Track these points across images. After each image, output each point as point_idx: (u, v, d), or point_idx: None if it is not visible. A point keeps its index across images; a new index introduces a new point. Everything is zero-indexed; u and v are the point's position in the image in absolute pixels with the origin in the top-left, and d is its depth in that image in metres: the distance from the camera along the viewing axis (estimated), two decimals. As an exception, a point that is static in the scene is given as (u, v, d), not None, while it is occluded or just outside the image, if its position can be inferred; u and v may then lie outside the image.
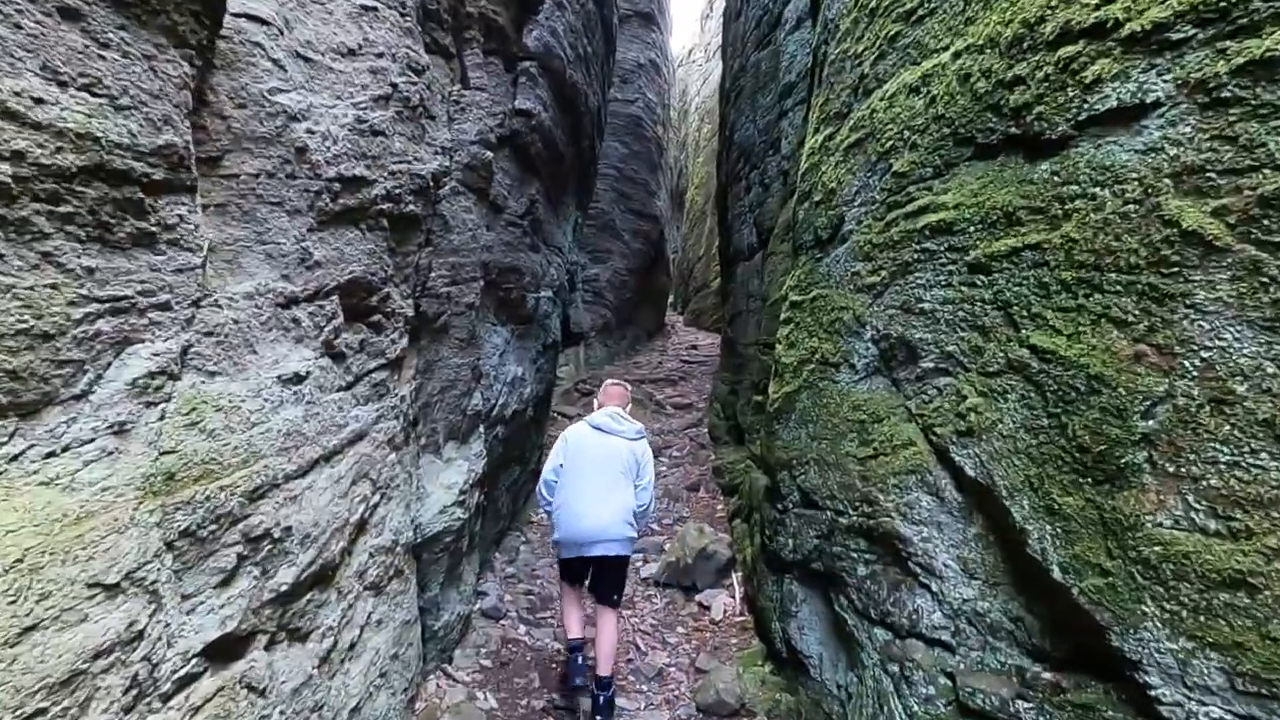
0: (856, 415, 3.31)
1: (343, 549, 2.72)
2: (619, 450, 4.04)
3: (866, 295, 3.34)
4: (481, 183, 4.28)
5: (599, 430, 4.09)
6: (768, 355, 6.18)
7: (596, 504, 3.90)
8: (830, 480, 3.47)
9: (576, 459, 4.04)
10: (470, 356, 4.41)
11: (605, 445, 4.04)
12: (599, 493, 3.93)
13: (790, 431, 4.05)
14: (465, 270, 4.14)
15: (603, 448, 4.03)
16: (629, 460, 4.04)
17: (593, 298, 14.35)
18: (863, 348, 3.35)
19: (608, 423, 4.11)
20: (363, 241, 2.88)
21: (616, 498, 3.94)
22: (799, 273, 4.30)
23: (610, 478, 3.98)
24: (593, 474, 3.98)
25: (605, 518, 3.88)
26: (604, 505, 3.90)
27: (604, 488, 3.94)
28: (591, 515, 3.89)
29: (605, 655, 3.87)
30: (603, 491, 3.93)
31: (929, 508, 2.76)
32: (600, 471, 3.98)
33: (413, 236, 3.47)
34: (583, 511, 3.91)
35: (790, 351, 4.22)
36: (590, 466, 3.99)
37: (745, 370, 8.23)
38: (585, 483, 3.96)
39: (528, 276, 5.39)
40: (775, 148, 7.67)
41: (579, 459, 4.03)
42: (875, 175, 3.38)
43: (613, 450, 4.03)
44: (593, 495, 3.92)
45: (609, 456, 4.01)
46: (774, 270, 6.42)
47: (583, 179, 7.81)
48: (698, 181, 26.96)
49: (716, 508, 7.32)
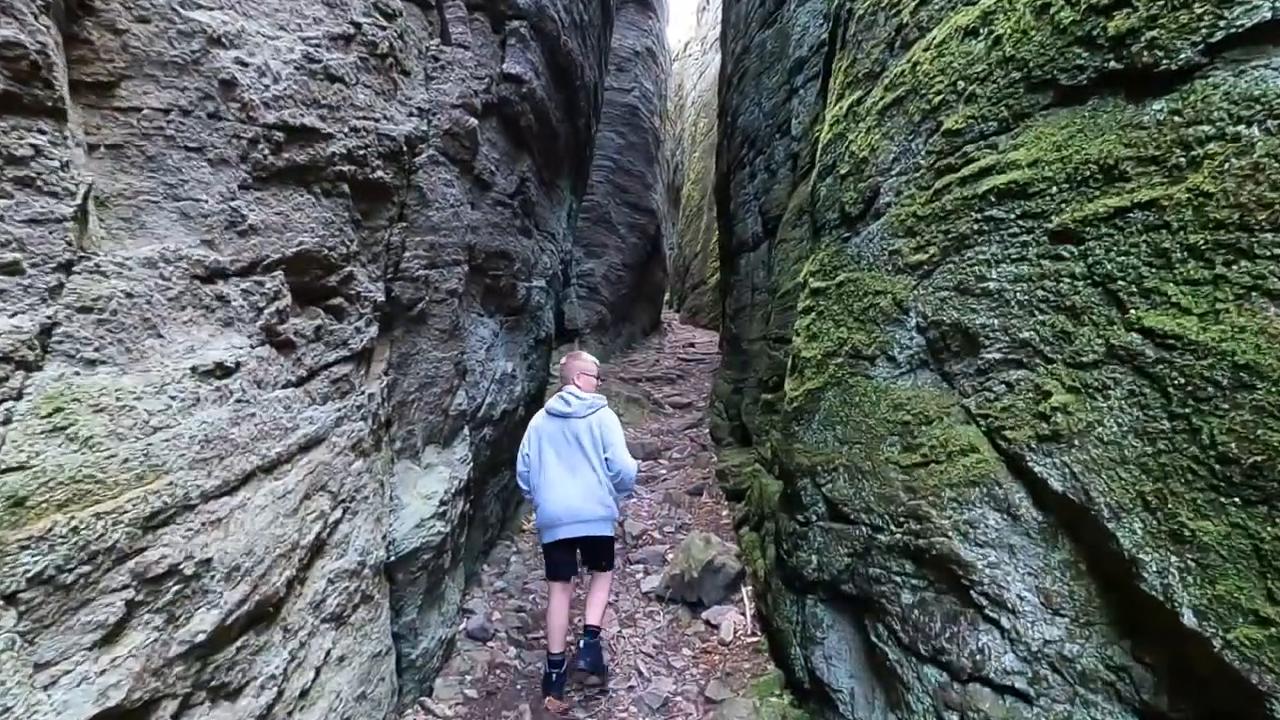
0: (898, 416, 2.85)
1: (290, 578, 2.25)
2: (578, 431, 4.02)
3: (909, 276, 2.88)
4: (465, 153, 3.79)
5: (556, 416, 4.09)
6: (779, 350, 5.72)
7: (564, 489, 3.97)
8: (865, 490, 3.01)
9: (541, 448, 4.11)
10: (453, 350, 3.93)
11: (564, 429, 4.05)
12: (565, 477, 3.99)
13: (813, 433, 3.59)
14: (446, 252, 3.66)
15: (562, 432, 4.05)
16: (588, 438, 4.01)
17: (587, 293, 13.88)
18: (905, 337, 2.89)
19: (561, 406, 4.09)
20: (316, 208, 2.40)
21: (583, 479, 3.98)
22: (821, 256, 3.84)
23: (574, 461, 4.01)
24: (555, 460, 4.03)
25: (575, 501, 3.95)
26: (571, 489, 3.96)
27: (570, 471, 4.00)
28: (561, 500, 3.96)
29: (595, 605, 4.10)
30: (569, 475, 3.99)
31: (997, 527, 2.30)
32: (563, 456, 4.02)
33: (383, 208, 2.99)
34: (553, 498, 3.99)
35: (812, 344, 3.76)
36: (553, 453, 4.05)
37: (750, 367, 7.77)
38: (551, 470, 4.03)
39: (518, 263, 4.91)
40: (783, 130, 7.21)
41: (543, 447, 4.10)
42: (919, 138, 2.92)
43: (572, 432, 4.03)
44: (560, 481, 3.99)
45: (569, 439, 4.03)
46: (784, 259, 5.96)
47: (578, 162, 7.31)
48: (694, 177, 26.53)
49: (721, 514, 6.86)
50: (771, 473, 5.47)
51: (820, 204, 3.99)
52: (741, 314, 8.40)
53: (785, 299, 5.65)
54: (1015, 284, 2.28)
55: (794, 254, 5.66)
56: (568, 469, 4.00)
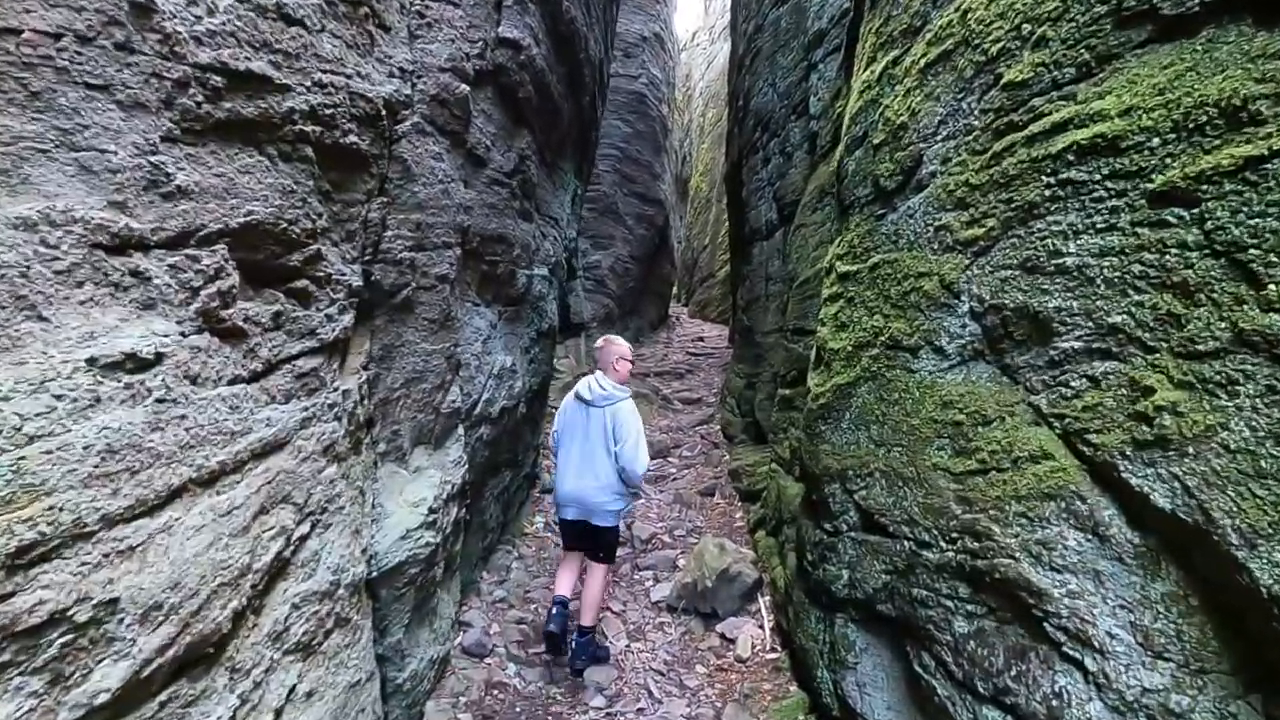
0: (947, 415, 2.48)
1: (240, 609, 1.90)
2: (594, 419, 4.05)
3: (960, 255, 2.50)
4: (455, 124, 3.43)
5: (579, 400, 4.13)
6: (797, 343, 5.35)
7: (574, 474, 4.05)
8: (908, 500, 2.64)
9: (564, 426, 4.21)
10: (444, 342, 3.58)
11: (584, 414, 4.09)
12: (577, 463, 4.05)
13: (842, 434, 3.22)
14: (435, 233, 3.30)
15: (581, 417, 4.10)
16: (602, 429, 4.02)
17: (594, 286, 13.51)
18: (955, 325, 2.52)
19: (584, 393, 4.10)
20: (272, 173, 2.04)
21: (592, 468, 4.01)
22: (851, 237, 3.46)
23: (587, 448, 4.04)
24: (571, 443, 4.11)
25: (581, 488, 4.02)
26: (580, 477, 4.02)
27: (582, 458, 4.04)
28: (571, 483, 4.06)
29: (587, 605, 4.10)
30: (580, 462, 4.04)
31: (1079, 549, 1.92)
32: (579, 441, 4.07)
33: (358, 180, 2.63)
34: (565, 477, 4.09)
35: (841, 335, 3.39)
36: (569, 436, 4.13)
37: (765, 361, 7.40)
38: (567, 451, 4.12)
39: (517, 248, 4.55)
40: (799, 110, 6.82)
41: (565, 427, 4.19)
42: (971, 95, 2.54)
43: (588, 419, 4.07)
44: (572, 465, 4.07)
45: (585, 426, 4.07)
46: (802, 245, 5.58)
47: (583, 143, 6.92)
48: (702, 168, 26.10)
49: (735, 516, 6.50)
50: (791, 474, 5.10)
51: (848, 180, 3.62)
52: (754, 305, 8.02)
53: (804, 288, 5.28)
54: (1102, 258, 1.90)
55: (814, 239, 5.28)
56: (581, 455, 4.04)
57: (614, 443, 3.98)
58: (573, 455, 4.06)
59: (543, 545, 5.83)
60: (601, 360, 4.22)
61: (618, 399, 4.05)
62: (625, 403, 4.07)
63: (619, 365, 4.19)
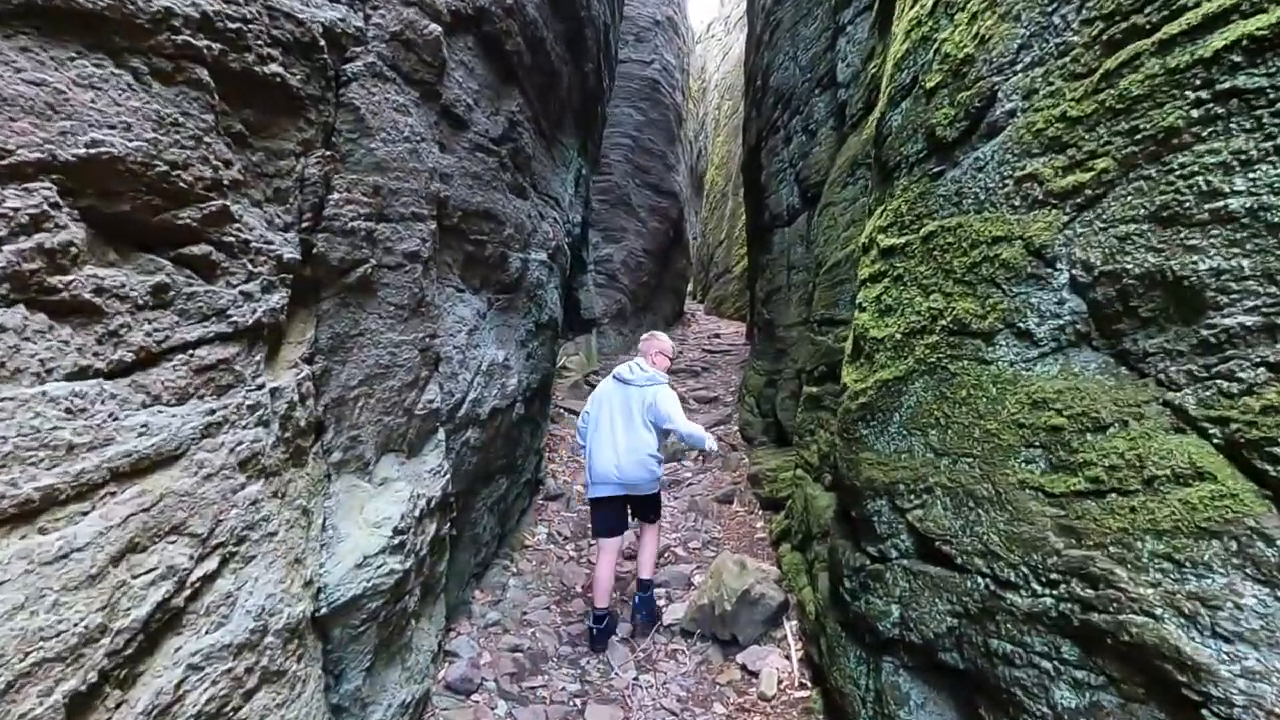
0: (1040, 418, 1.91)
1: (86, 688, 1.38)
2: (633, 399, 4.28)
3: (1056, 209, 1.93)
4: (426, 72, 2.89)
5: (620, 382, 4.37)
6: (826, 334, 4.78)
7: (611, 449, 4.24)
8: (983, 525, 2.08)
9: (598, 408, 4.39)
10: (417, 332, 3.05)
11: (624, 395, 4.32)
12: (616, 439, 4.24)
13: (890, 439, 2.67)
14: (401, 201, 2.78)
15: (622, 398, 4.32)
16: (640, 406, 4.25)
17: (606, 280, 12.98)
18: (1048, 301, 1.95)
19: (625, 374, 4.37)
20: (138, 94, 1.52)
21: (629, 441, 4.22)
22: (896, 204, 2.90)
23: (623, 424, 4.25)
24: (609, 421, 4.29)
25: (620, 460, 4.21)
26: (617, 450, 4.22)
27: (619, 432, 4.25)
28: (608, 459, 4.23)
29: (644, 562, 4.49)
30: (617, 436, 4.24)
31: (1262, 611, 1.35)
32: (617, 420, 4.27)
33: (288, 125, 2.11)
34: (601, 458, 4.26)
35: (886, 320, 2.82)
36: (607, 415, 4.31)
37: (787, 357, 6.83)
38: (603, 430, 4.30)
39: (509, 228, 4.01)
40: (824, 83, 6.24)
41: (600, 408, 4.38)
42: (1068, 2, 1.97)
43: (626, 398, 4.30)
44: (609, 442, 4.25)
45: (625, 405, 4.29)
46: (831, 226, 5.00)
47: (587, 117, 6.35)
48: (718, 161, 25.52)
49: (755, 525, 5.93)
50: (820, 482, 4.54)
51: (892, 139, 3.05)
52: (775, 297, 7.45)
53: (834, 273, 4.70)
54: (1291, 195, 1.33)
55: (844, 218, 4.70)
56: (619, 432, 4.23)
57: (661, 421, 4.21)
58: (614, 433, 4.24)
59: (544, 559, 5.31)
60: (644, 349, 4.55)
61: (659, 381, 4.33)
62: (664, 386, 4.35)
63: (657, 359, 4.51)
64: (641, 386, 4.30)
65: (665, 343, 4.63)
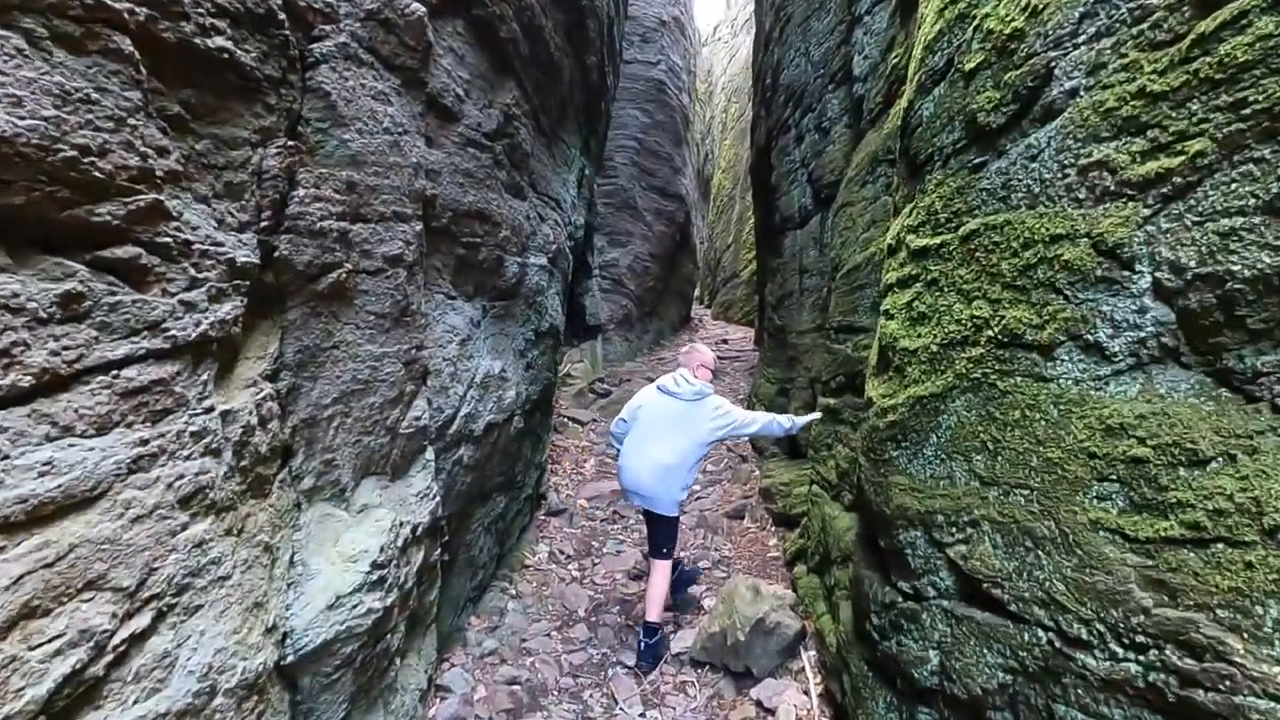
0: (1117, 447, 1.62)
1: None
2: (674, 411, 4.09)
3: (1134, 202, 1.65)
4: (408, 57, 2.63)
5: (664, 393, 4.18)
6: (844, 342, 4.49)
7: (641, 460, 4.05)
8: (1044, 569, 1.79)
9: (639, 415, 4.22)
10: (402, 343, 2.78)
11: (663, 406, 4.14)
12: (646, 449, 4.06)
13: (926, 463, 2.38)
14: (380, 199, 2.51)
15: (660, 408, 4.14)
16: (684, 421, 4.05)
17: (611, 285, 12.71)
18: (1124, 309, 1.66)
19: (670, 385, 4.18)
20: (35, 65, 1.25)
21: (659, 456, 4.01)
22: (929, 201, 2.61)
23: (660, 438, 4.06)
24: (646, 432, 4.12)
25: (644, 475, 4.03)
26: (647, 463, 4.03)
27: (651, 442, 4.06)
28: (633, 465, 4.09)
29: (650, 601, 4.14)
30: (649, 448, 4.05)
31: None
32: (653, 430, 4.10)
33: (242, 110, 1.84)
34: (629, 464, 4.11)
35: (919, 329, 2.54)
36: (646, 425, 4.14)
37: (799, 365, 6.54)
38: (638, 440, 4.13)
39: (505, 230, 3.74)
40: (838, 78, 5.96)
41: (640, 416, 4.21)
42: (1145, -38, 1.69)
43: (668, 411, 4.11)
44: (639, 452, 4.08)
45: (663, 417, 4.10)
46: (849, 227, 4.71)
47: (591, 115, 6.08)
48: (725, 165, 25.28)
49: (768, 544, 5.63)
50: (839, 501, 4.25)
51: (923, 129, 2.76)
52: (787, 302, 7.16)
53: (852, 277, 4.42)
54: None
55: (864, 219, 4.42)
56: (651, 443, 4.06)
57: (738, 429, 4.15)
58: (641, 442, 4.09)
59: (545, 580, 5.03)
60: (686, 361, 4.35)
61: (707, 393, 4.15)
62: (714, 395, 4.19)
63: (699, 372, 4.32)
64: (689, 401, 4.10)
65: (707, 355, 4.45)
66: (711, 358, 4.47)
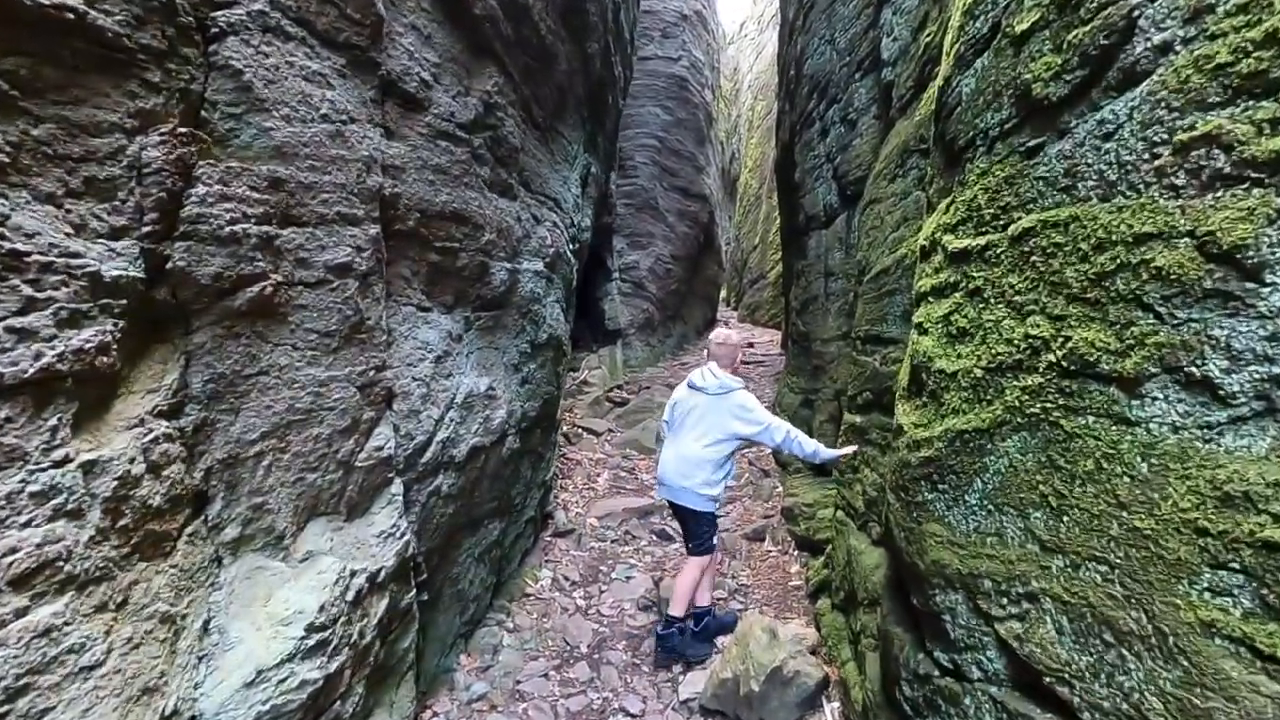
0: (1239, 523, 1.19)
1: None
2: (699, 406, 3.99)
3: (1262, 189, 1.21)
4: (353, 31, 2.26)
5: (690, 387, 4.11)
6: (872, 354, 4.04)
7: (668, 454, 4.06)
8: (1132, 673, 1.35)
9: (674, 412, 4.17)
10: (355, 364, 2.42)
11: (691, 401, 4.05)
12: (674, 445, 4.05)
13: (968, 512, 1.96)
14: (319, 199, 2.15)
15: (689, 404, 4.06)
16: (709, 417, 3.94)
17: (632, 289, 12.32)
18: (1247, 334, 1.23)
19: (697, 380, 4.08)
20: None
21: (687, 450, 3.96)
22: (971, 194, 2.18)
23: (686, 433, 4.01)
24: (677, 428, 4.09)
25: (669, 466, 4.02)
26: (674, 457, 4.01)
27: (679, 440, 4.03)
28: (663, 461, 4.09)
29: (676, 596, 4.10)
30: (677, 444, 4.03)
31: None
32: (682, 425, 4.05)
33: (107, 88, 1.49)
34: (661, 457, 4.13)
35: (957, 349, 2.12)
36: (678, 420, 4.10)
37: (824, 375, 6.08)
38: (672, 435, 4.13)
39: (489, 232, 3.36)
40: (866, 65, 5.51)
41: (675, 412, 4.16)
42: None
43: (694, 407, 4.02)
44: (670, 447, 4.08)
45: (689, 413, 4.03)
46: (877, 226, 4.26)
47: (596, 108, 5.64)
48: (751, 164, 24.79)
49: (790, 571, 5.19)
50: (865, 533, 3.80)
51: (961, 111, 2.33)
52: (811, 307, 6.70)
53: (880, 282, 3.97)
54: None
55: (893, 217, 3.97)
56: (680, 436, 4.03)
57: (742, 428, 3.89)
58: (673, 437, 4.07)
59: (546, 611, 4.65)
60: (714, 352, 4.12)
61: (733, 388, 3.95)
62: (740, 391, 3.97)
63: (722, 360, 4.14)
64: (714, 395, 3.95)
65: (733, 340, 4.19)
66: (738, 343, 4.23)
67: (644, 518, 6.18)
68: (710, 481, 3.94)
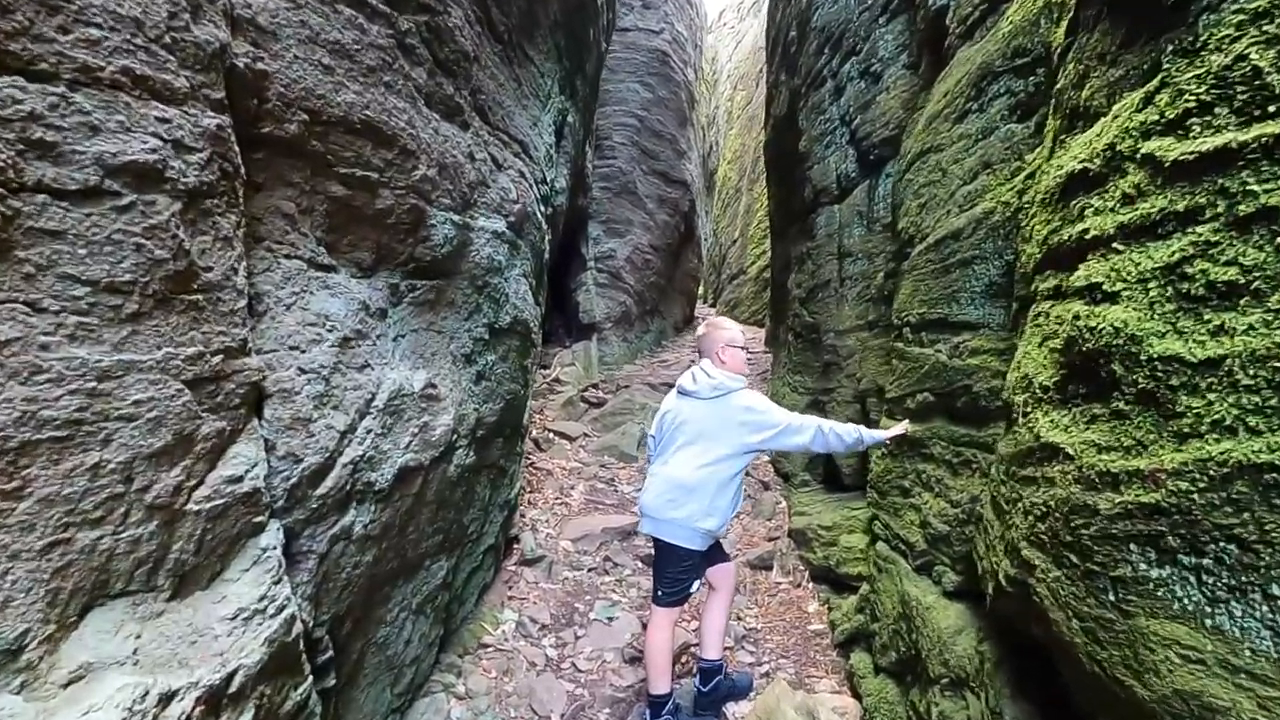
0: None
1: None
2: (693, 415, 3.11)
3: None
4: None
5: (680, 393, 3.24)
6: (930, 344, 3.14)
7: (654, 478, 3.18)
8: None
9: (663, 425, 3.28)
10: (180, 342, 1.44)
11: (681, 411, 3.17)
12: (664, 464, 3.16)
13: (1250, 611, 1.04)
14: (82, 34, 1.17)
15: (680, 414, 3.17)
16: (706, 427, 3.06)
17: (608, 280, 11.36)
18: None
19: (687, 383, 3.21)
20: None
21: (676, 473, 3.07)
22: (1220, 60, 1.28)
23: (679, 450, 3.12)
24: (666, 444, 3.22)
25: (652, 491, 3.14)
26: (661, 482, 3.12)
27: (671, 458, 3.15)
28: (647, 486, 3.22)
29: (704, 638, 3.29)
30: (668, 463, 3.14)
31: None
32: (672, 441, 3.18)
33: None
34: (647, 484, 3.24)
35: (1213, 321, 1.22)
36: (668, 436, 3.23)
37: (840, 372, 5.19)
38: (660, 453, 3.25)
39: (424, 165, 2.37)
40: (895, 6, 4.63)
41: (664, 425, 3.27)
42: None
43: (686, 417, 3.14)
44: (656, 467, 3.21)
45: (680, 424, 3.16)
46: (934, 182, 3.34)
47: (574, 40, 4.61)
48: (730, 156, 23.98)
49: (806, 610, 4.28)
50: (930, 577, 2.90)
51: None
52: (821, 295, 5.80)
53: (945, 249, 3.05)
54: None
55: (961, 167, 3.06)
56: (670, 456, 3.17)
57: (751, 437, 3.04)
58: (660, 456, 3.22)
59: (509, 666, 3.67)
60: (704, 348, 3.30)
61: (732, 388, 3.10)
62: (743, 390, 3.14)
63: (725, 354, 3.21)
64: (709, 399, 3.10)
65: (730, 331, 3.27)
66: (736, 333, 3.31)
67: (626, 539, 5.23)
68: (709, 511, 3.05)
